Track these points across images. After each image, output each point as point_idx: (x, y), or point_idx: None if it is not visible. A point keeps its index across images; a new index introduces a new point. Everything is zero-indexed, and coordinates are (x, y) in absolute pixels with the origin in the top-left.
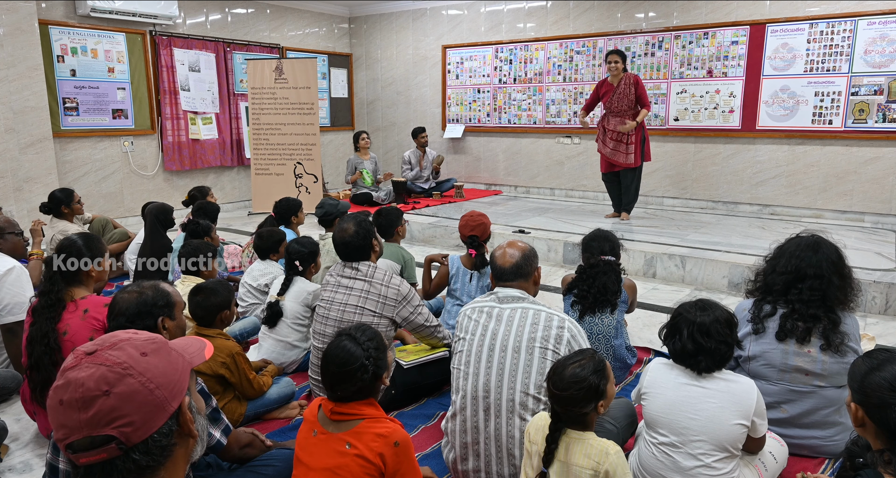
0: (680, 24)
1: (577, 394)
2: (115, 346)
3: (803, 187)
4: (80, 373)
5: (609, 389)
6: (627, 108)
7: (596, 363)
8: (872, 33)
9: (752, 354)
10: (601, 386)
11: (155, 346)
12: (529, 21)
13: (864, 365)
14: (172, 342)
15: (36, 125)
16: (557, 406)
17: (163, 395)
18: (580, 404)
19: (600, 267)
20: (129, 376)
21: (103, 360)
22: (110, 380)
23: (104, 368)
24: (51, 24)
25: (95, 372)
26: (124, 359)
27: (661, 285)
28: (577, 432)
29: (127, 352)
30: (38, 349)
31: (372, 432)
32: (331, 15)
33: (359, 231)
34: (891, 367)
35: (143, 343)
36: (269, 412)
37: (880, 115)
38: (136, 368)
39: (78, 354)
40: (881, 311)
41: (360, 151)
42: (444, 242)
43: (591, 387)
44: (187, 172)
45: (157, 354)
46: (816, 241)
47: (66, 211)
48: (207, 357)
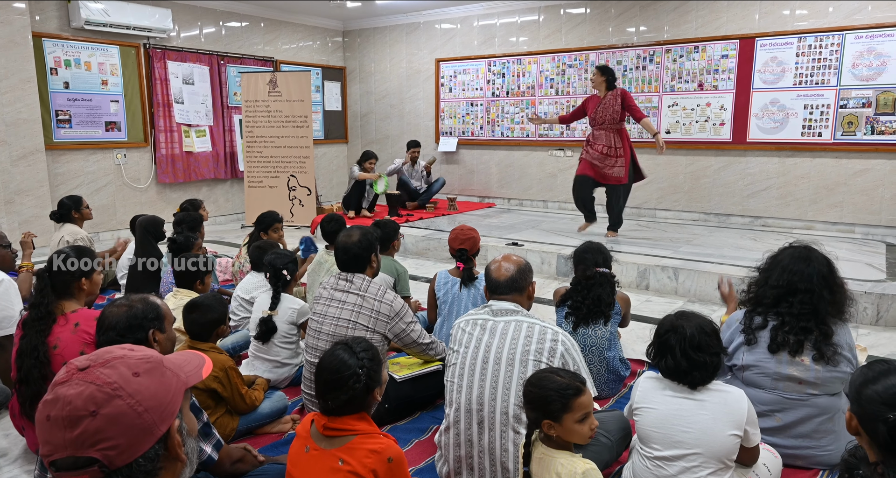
0: (670, 38)
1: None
2: (108, 363)
3: (794, 199)
4: (70, 390)
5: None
6: (612, 120)
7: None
8: (860, 47)
9: (746, 363)
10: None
11: (149, 366)
12: (522, 35)
13: (862, 377)
14: (169, 358)
15: (28, 137)
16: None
17: (151, 418)
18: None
19: (596, 279)
20: (118, 398)
21: (94, 378)
22: (98, 400)
23: (94, 387)
24: (44, 36)
25: (84, 391)
26: (115, 379)
27: (655, 297)
28: (549, 450)
29: (119, 371)
30: (28, 363)
31: (365, 447)
32: (325, 28)
33: (362, 240)
34: (885, 380)
35: (136, 362)
36: (262, 427)
37: (869, 128)
38: (126, 389)
39: (70, 369)
40: (872, 321)
41: (364, 170)
42: (437, 254)
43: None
44: (180, 185)
45: (150, 375)
46: (808, 253)
47: (76, 216)
48: (205, 376)
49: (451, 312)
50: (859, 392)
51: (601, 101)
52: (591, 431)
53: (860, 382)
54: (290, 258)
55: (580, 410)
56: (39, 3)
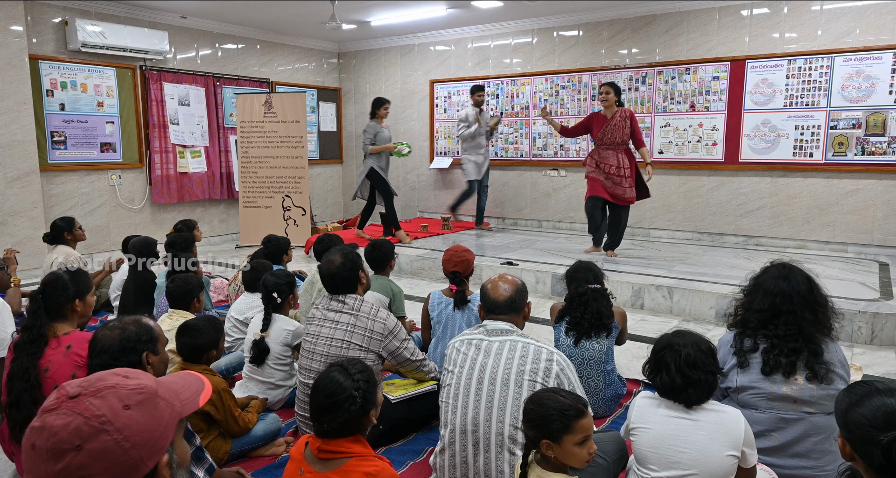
0: (662, 60)
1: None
2: (98, 393)
3: (787, 218)
4: (57, 420)
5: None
6: (621, 141)
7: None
8: (849, 69)
9: (741, 384)
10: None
11: (141, 397)
12: (516, 57)
13: (845, 401)
14: (166, 385)
15: (23, 159)
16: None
17: (138, 455)
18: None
19: (589, 295)
20: (105, 432)
21: (83, 409)
22: (84, 434)
23: (81, 418)
24: (41, 59)
25: (72, 422)
26: (104, 411)
27: (650, 316)
28: (544, 472)
29: (109, 403)
30: (19, 386)
31: (360, 470)
32: (320, 50)
33: (345, 263)
34: (869, 402)
35: (128, 393)
36: (255, 450)
37: (859, 149)
38: (114, 423)
39: (61, 396)
40: (867, 341)
41: (377, 117)
42: (431, 274)
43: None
44: (175, 206)
45: (142, 407)
46: (787, 273)
47: (69, 237)
48: (203, 403)
49: (445, 333)
50: (846, 417)
51: (608, 121)
52: (590, 455)
53: (845, 407)
54: (286, 280)
55: (580, 432)
56: (37, 27)
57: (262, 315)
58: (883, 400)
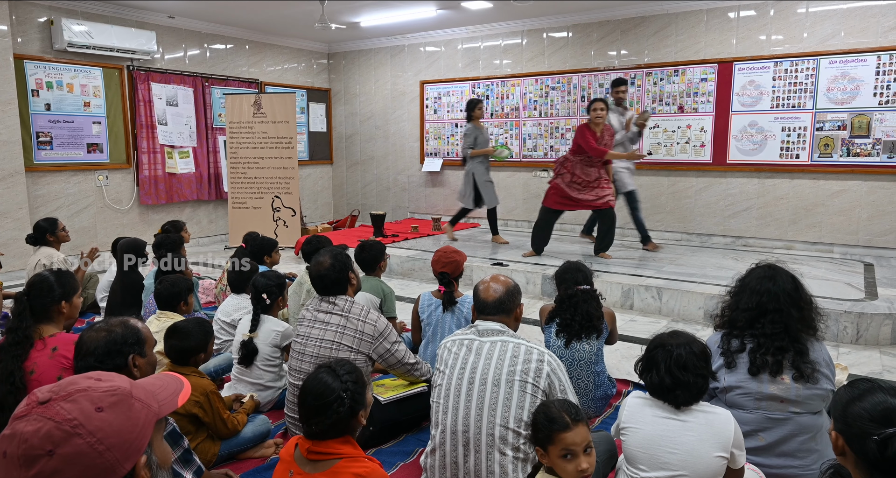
0: (651, 61)
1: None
2: (69, 397)
3: (774, 219)
4: (27, 426)
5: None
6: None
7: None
8: (834, 72)
9: (728, 385)
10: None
11: (114, 399)
12: (505, 58)
13: (846, 395)
14: (142, 386)
15: (8, 159)
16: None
17: (113, 457)
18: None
19: (579, 296)
20: (77, 436)
21: (53, 414)
22: (56, 439)
23: (52, 423)
24: (26, 58)
25: (42, 427)
26: (75, 415)
27: (639, 317)
28: (546, 476)
29: (80, 406)
30: (3, 389)
31: (350, 471)
32: (310, 51)
33: (335, 264)
34: (871, 397)
35: (100, 396)
36: (244, 452)
37: (844, 150)
38: (86, 426)
39: (31, 402)
40: (853, 340)
41: (474, 119)
42: (422, 275)
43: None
44: (163, 206)
45: (115, 409)
46: (772, 273)
47: (52, 239)
48: (182, 403)
49: (435, 334)
50: (845, 410)
51: (599, 138)
52: (579, 473)
53: (846, 400)
54: (276, 281)
55: (562, 445)
56: (22, 26)
57: (250, 316)
58: (885, 397)
